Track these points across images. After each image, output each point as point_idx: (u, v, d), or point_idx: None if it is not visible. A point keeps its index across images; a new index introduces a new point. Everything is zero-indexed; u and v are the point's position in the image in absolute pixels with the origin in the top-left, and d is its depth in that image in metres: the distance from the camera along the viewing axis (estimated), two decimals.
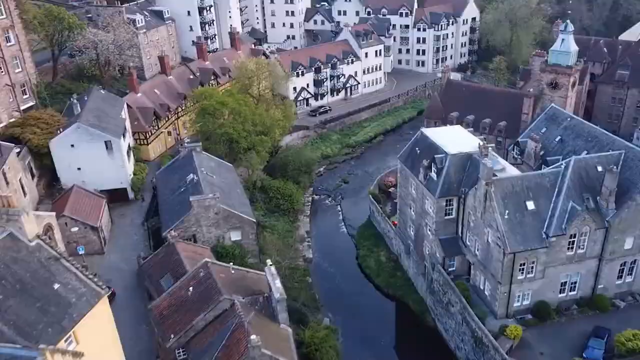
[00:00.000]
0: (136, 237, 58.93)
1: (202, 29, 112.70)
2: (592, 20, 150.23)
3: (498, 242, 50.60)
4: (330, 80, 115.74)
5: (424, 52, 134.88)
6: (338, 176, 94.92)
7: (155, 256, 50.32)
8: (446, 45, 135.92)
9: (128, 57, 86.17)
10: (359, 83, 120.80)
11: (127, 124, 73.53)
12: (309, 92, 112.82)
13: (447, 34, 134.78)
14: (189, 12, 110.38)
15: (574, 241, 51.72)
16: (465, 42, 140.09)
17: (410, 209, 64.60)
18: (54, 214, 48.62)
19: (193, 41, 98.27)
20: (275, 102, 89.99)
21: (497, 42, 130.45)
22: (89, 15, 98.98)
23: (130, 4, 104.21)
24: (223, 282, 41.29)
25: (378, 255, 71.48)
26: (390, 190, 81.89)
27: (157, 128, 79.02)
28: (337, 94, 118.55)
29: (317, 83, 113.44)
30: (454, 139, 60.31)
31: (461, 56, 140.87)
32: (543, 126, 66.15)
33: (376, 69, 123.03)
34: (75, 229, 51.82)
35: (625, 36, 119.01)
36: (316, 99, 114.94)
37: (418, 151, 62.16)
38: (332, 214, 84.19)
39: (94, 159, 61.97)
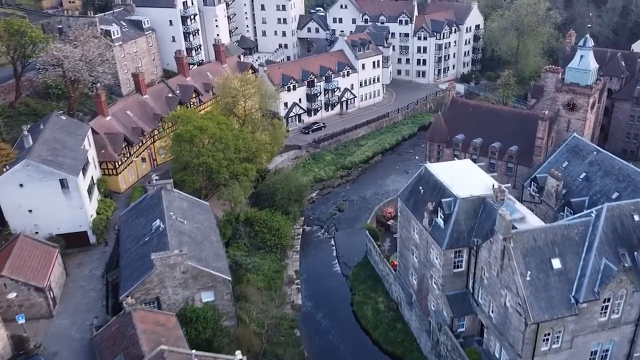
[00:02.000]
0: (94, 294, 50.50)
1: (185, 40, 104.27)
2: (602, 27, 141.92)
3: (518, 308, 42.39)
4: (325, 95, 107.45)
5: (424, 62, 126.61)
6: (332, 203, 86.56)
7: (109, 328, 41.98)
8: (448, 55, 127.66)
9: (100, 74, 77.73)
10: (355, 96, 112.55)
11: (93, 152, 65.29)
12: (301, 108, 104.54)
13: (450, 43, 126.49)
14: (171, 21, 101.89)
15: (607, 305, 43.64)
16: (468, 51, 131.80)
17: (413, 254, 56.34)
18: None
19: (176, 53, 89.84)
20: (263, 123, 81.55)
21: (503, 51, 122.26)
22: (60, 26, 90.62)
23: (106, 13, 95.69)
24: None
25: (376, 303, 63.13)
26: (389, 223, 73.77)
27: (128, 156, 70.57)
28: (332, 109, 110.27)
29: (310, 98, 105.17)
30: (463, 178, 52.11)
31: (464, 66, 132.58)
32: (564, 159, 57.90)
33: (374, 81, 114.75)
34: (14, 295, 43.41)
35: (639, 46, 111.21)
36: (309, 115, 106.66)
37: (422, 190, 53.94)
38: (325, 249, 75.85)
39: (47, 200, 53.66)
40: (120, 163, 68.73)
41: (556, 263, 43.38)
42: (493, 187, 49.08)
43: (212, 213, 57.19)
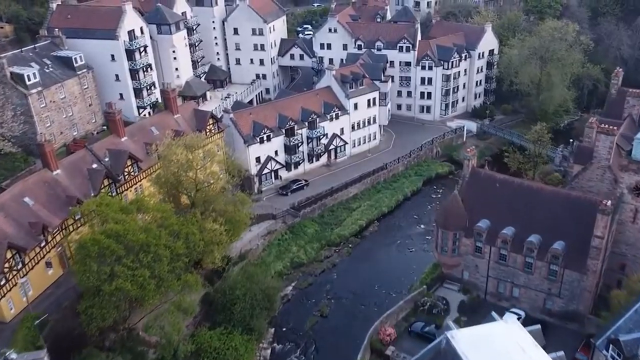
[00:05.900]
0: None
1: (133, 78, 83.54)
2: (633, 49, 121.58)
3: None
4: (308, 144, 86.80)
5: (429, 95, 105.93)
6: (312, 302, 65.78)
7: None
8: (457, 86, 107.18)
9: None
10: (346, 143, 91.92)
11: None
12: (278, 162, 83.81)
13: (459, 72, 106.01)
14: (113, 56, 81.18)
15: None
16: (480, 80, 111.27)
17: None
18: None
19: (106, 106, 68.39)
20: (219, 203, 60.61)
21: (524, 83, 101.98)
22: None
23: (24, 49, 74.87)
24: None
25: None
26: (388, 353, 53.47)
27: (18, 267, 49.71)
28: (318, 160, 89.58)
29: (290, 149, 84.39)
30: None
31: (475, 97, 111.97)
32: None
33: (369, 122, 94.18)
34: None
35: None
36: (288, 169, 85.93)
37: None
38: None
39: None
40: (4, 282, 47.94)
41: None
42: None
43: None
